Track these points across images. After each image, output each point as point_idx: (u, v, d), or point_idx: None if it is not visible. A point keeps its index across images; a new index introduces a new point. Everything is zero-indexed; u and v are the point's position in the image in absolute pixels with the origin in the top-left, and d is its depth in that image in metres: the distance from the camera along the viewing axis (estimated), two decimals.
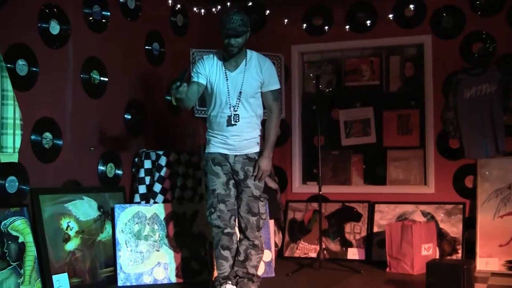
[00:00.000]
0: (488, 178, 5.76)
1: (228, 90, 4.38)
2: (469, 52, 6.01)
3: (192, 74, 4.49)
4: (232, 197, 4.49)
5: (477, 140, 5.83)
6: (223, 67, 4.42)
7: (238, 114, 4.37)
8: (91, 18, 5.18)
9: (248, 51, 4.46)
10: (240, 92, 4.38)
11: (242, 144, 4.42)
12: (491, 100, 5.77)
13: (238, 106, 4.38)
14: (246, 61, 4.43)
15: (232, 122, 4.37)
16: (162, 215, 5.17)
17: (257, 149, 4.49)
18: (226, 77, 4.40)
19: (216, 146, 4.47)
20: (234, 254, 4.54)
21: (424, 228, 5.57)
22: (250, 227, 4.48)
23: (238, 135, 4.40)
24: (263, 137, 4.56)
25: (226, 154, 4.44)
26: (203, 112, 6.36)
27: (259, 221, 4.50)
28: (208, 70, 4.42)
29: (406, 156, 6.36)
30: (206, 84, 4.43)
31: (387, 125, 6.46)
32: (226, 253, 4.50)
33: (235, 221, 4.54)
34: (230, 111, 4.37)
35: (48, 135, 4.76)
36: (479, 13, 5.98)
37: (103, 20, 5.31)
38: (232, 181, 4.49)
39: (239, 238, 4.59)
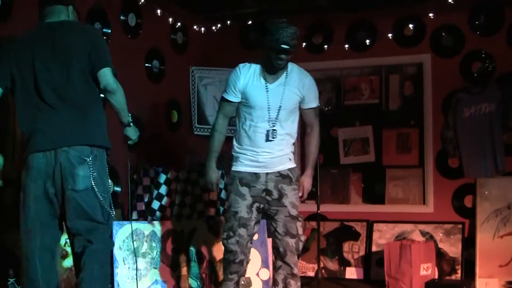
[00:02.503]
0: (488, 198, 5.75)
1: (268, 104, 4.06)
2: (468, 71, 6.02)
3: (227, 90, 4.16)
4: (252, 221, 4.14)
5: (477, 159, 5.82)
6: (261, 78, 4.09)
7: (276, 130, 4.07)
8: None
9: (289, 63, 4.14)
10: (280, 107, 4.08)
11: (273, 161, 4.11)
12: (491, 119, 5.77)
13: (276, 121, 4.08)
14: (287, 73, 4.12)
15: (270, 138, 4.07)
16: (160, 233, 5.14)
17: (289, 165, 4.19)
18: (267, 89, 4.08)
19: (244, 164, 4.14)
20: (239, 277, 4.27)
21: (423, 248, 5.54)
22: (289, 250, 4.12)
23: (269, 151, 4.10)
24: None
25: (256, 173, 4.12)
26: (202, 129, 6.35)
27: (298, 244, 4.15)
28: (242, 82, 4.09)
29: (405, 175, 6.35)
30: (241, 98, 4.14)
31: (386, 143, 6.44)
32: (233, 276, 4.23)
33: (251, 243, 4.24)
34: (269, 126, 4.07)
35: None
36: (478, 32, 6.00)
37: (104, 37, 5.31)
38: (256, 204, 4.14)
39: (276, 265, 4.24)
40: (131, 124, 3.63)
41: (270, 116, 4.07)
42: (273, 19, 4.04)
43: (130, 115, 3.61)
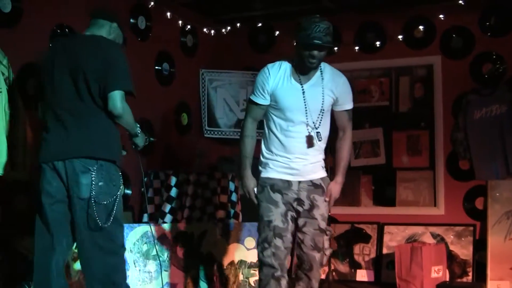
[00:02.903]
0: (499, 200, 5.72)
1: (306, 107, 3.75)
2: (479, 73, 6.00)
3: (255, 92, 3.85)
4: (289, 231, 3.81)
5: (487, 161, 5.79)
6: (293, 79, 3.78)
7: (320, 132, 3.79)
8: None
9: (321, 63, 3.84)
10: (322, 110, 3.80)
11: (307, 168, 3.82)
12: (501, 121, 5.74)
13: (320, 124, 3.80)
14: (321, 72, 3.82)
15: (315, 142, 3.78)
16: (170, 235, 5.14)
17: (322, 173, 3.92)
18: (303, 91, 3.76)
19: (276, 171, 3.82)
20: None
21: (434, 250, 5.52)
22: (315, 265, 3.86)
23: (303, 158, 3.80)
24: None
25: (288, 181, 3.81)
26: (212, 132, 6.35)
27: (323, 258, 3.93)
28: (272, 83, 3.78)
29: (415, 177, 6.32)
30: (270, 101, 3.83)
31: (397, 146, 6.42)
32: None
33: (287, 260, 3.94)
34: (308, 129, 3.78)
35: None
36: (489, 33, 5.98)
37: None
38: (290, 213, 3.82)
39: (298, 276, 3.98)
40: (139, 134, 3.68)
41: (308, 120, 3.77)
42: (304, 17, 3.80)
43: (138, 125, 3.65)
